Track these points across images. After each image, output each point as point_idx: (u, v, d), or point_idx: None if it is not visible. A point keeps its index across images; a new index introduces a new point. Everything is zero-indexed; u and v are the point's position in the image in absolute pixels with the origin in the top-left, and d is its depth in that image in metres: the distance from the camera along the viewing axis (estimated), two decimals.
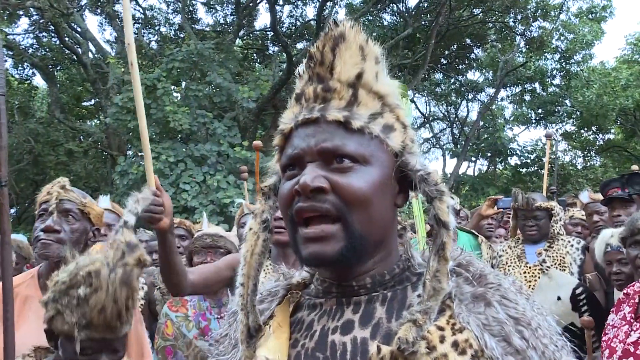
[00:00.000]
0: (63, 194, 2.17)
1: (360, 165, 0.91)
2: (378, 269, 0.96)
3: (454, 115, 24.24)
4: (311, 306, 1.00)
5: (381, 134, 0.93)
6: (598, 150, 23.45)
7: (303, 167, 0.92)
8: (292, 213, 0.92)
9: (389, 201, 0.95)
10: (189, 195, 11.70)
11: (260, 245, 1.01)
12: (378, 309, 0.93)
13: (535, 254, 3.70)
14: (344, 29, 0.95)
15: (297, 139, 0.94)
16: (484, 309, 0.87)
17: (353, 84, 0.94)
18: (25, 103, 17.84)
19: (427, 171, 0.94)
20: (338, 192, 0.89)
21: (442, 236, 0.90)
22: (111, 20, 17.89)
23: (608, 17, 20.14)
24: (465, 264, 0.96)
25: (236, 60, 15.38)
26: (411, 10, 19.02)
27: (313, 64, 0.96)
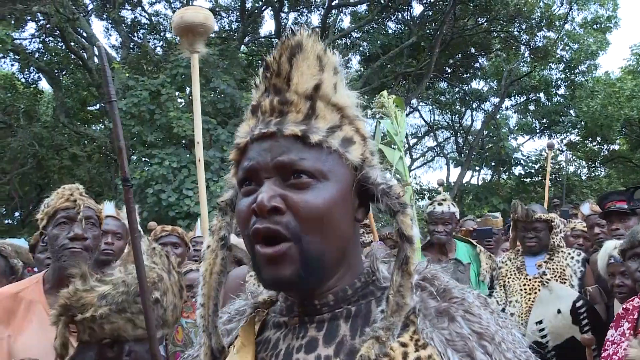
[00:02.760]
0: (86, 201, 2.17)
1: (318, 182, 0.88)
2: (340, 285, 0.94)
3: (458, 124, 24.22)
4: (276, 325, 0.98)
5: (340, 148, 0.90)
6: (602, 160, 23.37)
7: (259, 183, 0.89)
8: (249, 232, 0.89)
9: (348, 216, 0.92)
10: (192, 201, 11.70)
11: (219, 264, 0.99)
12: (342, 325, 0.91)
13: (535, 266, 3.68)
14: (301, 38, 0.92)
15: (253, 152, 0.91)
16: (448, 324, 0.86)
17: (311, 96, 0.91)
18: (31, 107, 17.91)
19: (388, 184, 0.91)
20: (294, 211, 0.86)
21: (406, 250, 0.88)
22: (117, 26, 18.00)
23: (613, 27, 20.15)
24: (430, 277, 0.94)
25: (240, 67, 15.44)
26: (416, 18, 19.06)
27: (269, 74, 0.93)
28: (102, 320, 1.54)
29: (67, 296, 1.58)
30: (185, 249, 4.01)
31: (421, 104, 23.52)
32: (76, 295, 1.58)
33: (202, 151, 2.31)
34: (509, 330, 0.91)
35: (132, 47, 18.66)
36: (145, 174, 12.17)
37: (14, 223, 19.51)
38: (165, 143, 12.99)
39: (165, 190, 11.87)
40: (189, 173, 12.17)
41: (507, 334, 0.90)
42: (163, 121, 12.46)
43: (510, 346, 0.88)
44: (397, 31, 19.85)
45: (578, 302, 3.33)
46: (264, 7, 18.34)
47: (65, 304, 1.58)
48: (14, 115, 17.39)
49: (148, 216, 11.31)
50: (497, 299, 3.86)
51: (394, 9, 18.68)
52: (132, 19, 19.10)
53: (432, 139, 25.65)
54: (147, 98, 12.53)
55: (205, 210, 2.30)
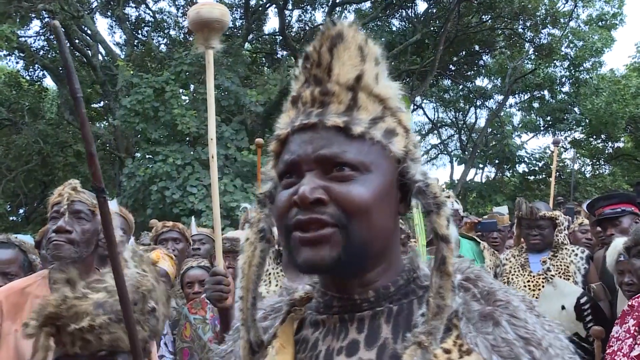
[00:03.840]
0: (74, 195, 2.19)
1: (361, 174, 0.86)
2: (381, 281, 0.91)
3: (462, 122, 24.19)
4: (314, 323, 0.95)
5: (383, 140, 0.88)
6: (607, 158, 23.29)
7: (300, 175, 0.87)
8: (288, 224, 0.87)
9: (390, 210, 0.90)
10: (195, 199, 11.73)
11: (257, 257, 0.96)
12: (383, 327, 0.88)
13: (539, 263, 3.68)
14: (342, 28, 0.90)
15: (293, 145, 0.89)
16: (493, 329, 0.83)
17: (352, 87, 0.89)
18: (36, 104, 17.97)
19: (426, 182, 0.89)
20: (338, 203, 0.84)
21: (442, 250, 0.85)
22: (121, 23, 18.03)
23: (618, 24, 20.07)
24: (473, 278, 0.91)
25: (244, 64, 15.45)
26: (420, 16, 19.02)
27: (309, 65, 0.91)
28: (101, 331, 1.44)
29: (55, 304, 1.44)
30: (186, 244, 4.04)
31: (425, 102, 23.51)
32: (66, 303, 1.45)
33: (215, 147, 2.31)
34: (555, 334, 0.87)
35: (136, 45, 18.69)
36: (150, 171, 12.20)
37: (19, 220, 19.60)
38: (169, 140, 13.02)
39: (169, 187, 11.90)
40: (193, 170, 12.20)
41: (554, 339, 0.86)
42: (167, 118, 12.49)
43: (559, 352, 0.85)
44: (401, 28, 19.81)
45: (582, 299, 3.33)
46: (268, 5, 18.32)
47: (52, 312, 1.43)
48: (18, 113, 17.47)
49: (152, 213, 11.35)
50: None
51: (398, 6, 18.64)
52: (136, 16, 19.14)
53: (436, 136, 25.64)
54: (151, 95, 12.56)
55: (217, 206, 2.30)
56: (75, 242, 2.12)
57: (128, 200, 12.40)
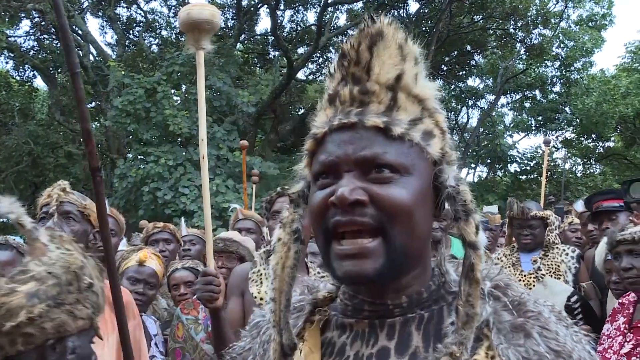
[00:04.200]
0: (63, 196, 2.18)
1: (401, 176, 0.84)
2: (415, 286, 0.90)
3: (454, 122, 24.25)
4: (341, 326, 0.93)
5: (421, 142, 0.86)
6: (598, 157, 23.46)
7: (338, 176, 0.85)
8: (326, 226, 0.85)
9: (428, 212, 0.88)
10: (187, 199, 11.70)
11: (292, 258, 0.93)
12: (414, 334, 0.87)
13: (529, 262, 3.70)
14: (382, 26, 0.87)
15: (331, 145, 0.86)
16: (524, 341, 0.82)
17: (392, 87, 0.87)
18: (26, 105, 17.86)
19: (457, 189, 0.87)
20: (378, 205, 0.82)
21: (471, 257, 0.83)
22: (112, 23, 17.95)
23: (608, 25, 20.21)
24: (503, 286, 0.89)
25: (236, 65, 15.44)
26: (412, 16, 19.07)
27: (347, 62, 0.88)
28: (42, 320, 1.36)
29: None
30: (177, 245, 4.02)
31: None
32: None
33: (205, 148, 2.29)
34: (583, 345, 0.86)
35: (128, 45, 18.62)
36: (141, 171, 12.15)
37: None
38: (161, 141, 12.97)
39: (161, 188, 11.86)
40: (185, 171, 12.16)
41: (582, 351, 0.85)
42: (159, 119, 12.44)
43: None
44: None
45: (572, 298, 3.35)
46: (260, 5, 18.30)
47: None
48: (8, 114, 17.35)
49: (144, 214, 11.30)
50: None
51: (390, 7, 18.67)
52: (127, 16, 19.07)
53: None
54: (143, 96, 12.51)
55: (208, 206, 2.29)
56: None
57: (120, 201, 12.35)
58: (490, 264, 0.92)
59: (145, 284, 2.99)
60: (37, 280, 1.40)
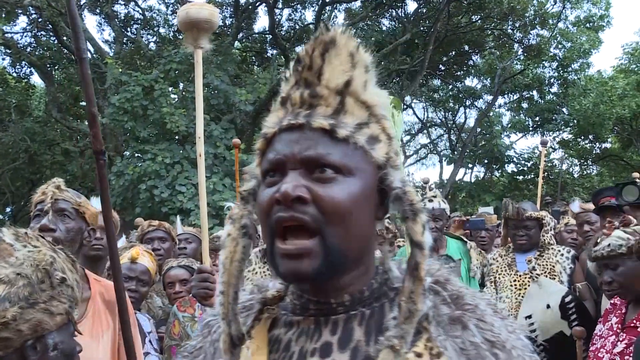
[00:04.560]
0: (58, 193, 2.18)
1: (343, 176, 0.88)
2: (357, 285, 0.94)
3: (452, 122, 24.29)
4: (288, 324, 0.97)
5: (366, 145, 0.90)
6: (595, 158, 23.51)
7: (284, 174, 0.89)
8: (271, 222, 0.89)
9: (369, 214, 0.92)
10: (184, 197, 11.69)
11: (240, 252, 0.97)
12: (356, 329, 0.91)
13: (525, 262, 3.71)
14: (335, 34, 0.93)
15: (280, 144, 0.91)
16: (461, 332, 0.86)
17: (341, 92, 0.91)
18: (23, 102, 17.81)
19: (403, 189, 0.91)
20: (318, 204, 0.86)
21: (416, 256, 0.88)
22: (110, 21, 17.90)
23: (605, 26, 20.24)
24: (443, 281, 0.94)
25: (234, 63, 15.41)
26: (410, 15, 19.07)
27: (301, 67, 0.94)
28: (17, 322, 1.38)
29: None
30: (172, 243, 4.03)
31: (415, 101, 23.57)
32: None
33: (202, 145, 2.31)
34: (517, 335, 0.92)
35: (126, 42, 18.56)
36: (138, 169, 12.14)
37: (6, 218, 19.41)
38: (158, 139, 12.96)
39: (158, 186, 11.85)
40: (182, 169, 12.15)
41: (517, 340, 0.90)
42: (156, 117, 12.42)
43: (521, 353, 0.89)
44: (391, 28, 19.85)
45: (567, 298, 3.36)
46: (258, 3, 18.27)
47: None
48: (5, 110, 17.30)
49: (141, 212, 11.29)
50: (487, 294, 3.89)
51: (388, 6, 18.67)
52: (125, 13, 18.99)
53: (426, 136, 25.74)
54: (140, 93, 12.49)
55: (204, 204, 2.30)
56: (59, 240, 2.09)
57: (117, 198, 12.33)
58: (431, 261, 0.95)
59: (138, 281, 3.01)
60: (6, 283, 1.40)
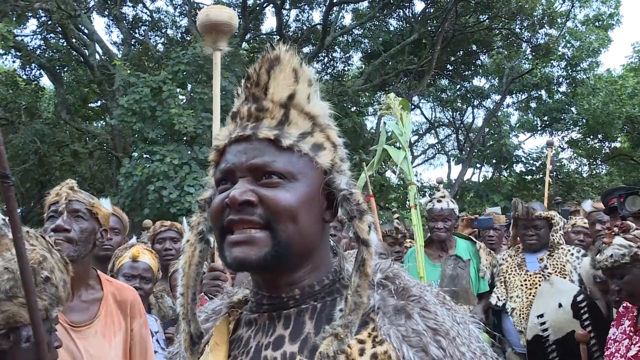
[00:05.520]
0: (72, 194, 2.21)
1: (288, 182, 0.95)
2: (307, 280, 0.99)
3: (460, 122, 24.20)
4: (248, 322, 1.03)
5: (310, 152, 0.98)
6: (604, 158, 23.34)
7: (234, 182, 0.96)
8: (222, 224, 0.96)
9: (315, 215, 0.98)
10: (193, 198, 11.71)
11: (197, 256, 1.06)
12: (307, 322, 0.97)
13: (535, 262, 3.69)
14: (279, 52, 1.00)
15: (230, 154, 0.99)
16: (405, 321, 0.91)
17: (285, 104, 0.98)
18: (32, 104, 17.91)
19: (350, 191, 0.98)
20: (265, 205, 0.93)
21: (363, 253, 0.94)
22: (118, 22, 17.99)
23: (615, 24, 20.10)
24: (392, 276, 1.00)
25: (242, 64, 15.42)
26: (417, 15, 19.04)
27: (250, 84, 1.01)
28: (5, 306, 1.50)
29: None
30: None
31: (422, 101, 23.51)
32: None
33: None
34: (465, 325, 0.97)
35: (134, 44, 18.66)
36: (147, 170, 12.18)
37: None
38: (166, 140, 12.99)
39: (166, 187, 11.88)
40: (190, 170, 12.18)
41: (464, 330, 0.95)
42: (164, 118, 12.46)
43: (465, 341, 0.93)
44: (398, 28, 19.83)
45: (579, 297, 3.34)
46: (265, 4, 18.32)
47: None
48: (15, 112, 17.39)
49: (149, 213, 11.33)
50: (497, 294, 3.88)
51: (396, 6, 18.65)
52: (133, 15, 19.10)
53: (433, 136, 25.65)
54: (149, 95, 12.53)
55: None
56: (73, 240, 2.14)
57: (125, 199, 12.38)
58: (382, 259, 1.04)
59: (141, 279, 3.07)
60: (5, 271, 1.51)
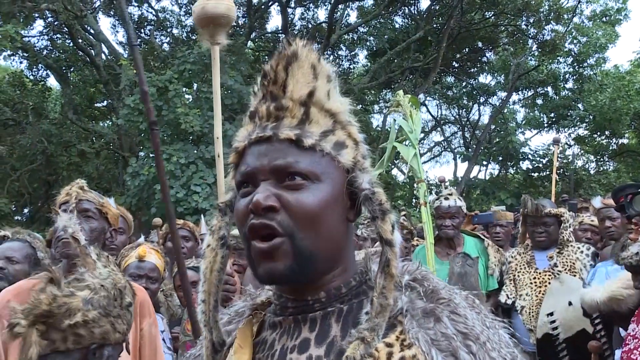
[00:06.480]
0: (82, 194, 2.23)
1: (312, 183, 0.92)
2: (334, 282, 0.97)
3: (466, 119, 24.12)
4: (272, 325, 1.01)
5: (332, 151, 0.95)
6: (611, 154, 23.20)
7: (256, 185, 0.93)
8: (245, 230, 0.94)
9: (340, 217, 0.96)
10: (199, 197, 11.74)
11: (219, 262, 1.03)
12: (333, 325, 0.94)
13: (545, 260, 3.67)
14: (297, 48, 0.98)
15: (250, 157, 0.96)
16: (434, 325, 0.89)
17: (305, 102, 0.96)
18: (39, 104, 17.99)
19: (372, 190, 0.95)
20: (288, 210, 0.91)
21: (387, 253, 0.92)
22: (124, 22, 18.03)
23: (623, 19, 19.95)
24: (420, 278, 0.98)
25: (247, 63, 15.44)
26: (423, 13, 18.98)
27: (267, 82, 0.98)
28: (93, 325, 1.54)
29: (47, 302, 1.50)
30: (195, 243, 4.06)
31: (428, 99, 23.43)
32: (57, 302, 1.51)
33: (221, 146, 2.28)
34: (495, 330, 0.94)
35: (139, 44, 18.69)
36: (153, 170, 12.21)
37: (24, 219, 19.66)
38: (172, 139, 13.02)
39: (173, 186, 11.91)
40: (197, 169, 12.20)
41: (494, 334, 0.93)
42: (170, 117, 12.48)
43: (496, 346, 0.91)
44: (404, 26, 19.77)
45: None
46: (270, 3, 18.31)
47: (45, 310, 1.50)
48: (22, 113, 17.49)
49: (156, 212, 11.37)
50: (507, 292, 3.86)
51: (401, 4, 18.60)
52: (139, 15, 19.14)
53: (440, 133, 25.59)
54: (155, 94, 12.56)
55: None
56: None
57: (132, 199, 12.43)
58: (409, 261, 1.02)
59: (148, 279, 3.05)
60: (92, 289, 1.59)
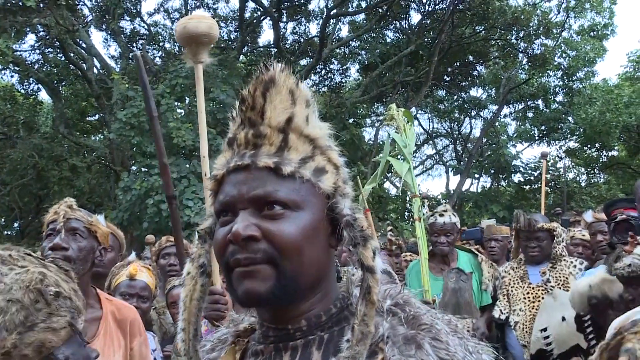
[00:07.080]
0: (70, 213, 2.20)
1: (292, 211, 0.91)
2: (314, 310, 0.95)
3: (457, 132, 24.25)
4: (254, 353, 1.00)
5: (312, 178, 0.93)
6: (602, 167, 23.39)
7: (236, 213, 0.92)
8: (227, 260, 0.92)
9: (322, 243, 0.95)
10: (191, 212, 11.69)
11: (198, 290, 1.02)
12: (314, 353, 0.93)
13: (538, 275, 3.67)
14: (274, 73, 0.96)
15: (228, 185, 0.94)
16: (415, 352, 0.87)
17: (283, 129, 0.94)
18: (30, 118, 17.92)
19: (353, 216, 0.93)
20: (270, 240, 0.89)
21: (368, 280, 0.90)
22: (116, 36, 18.06)
23: (610, 34, 20.24)
24: (402, 303, 0.96)
25: (239, 77, 15.47)
26: (414, 27, 19.14)
27: (245, 108, 0.97)
28: (19, 349, 1.34)
29: None
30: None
31: (420, 112, 23.55)
32: None
33: (207, 165, 2.26)
34: (479, 355, 0.93)
35: (131, 58, 18.70)
36: (145, 184, 12.16)
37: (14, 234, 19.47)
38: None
39: (165, 200, 11.85)
40: (189, 183, 12.16)
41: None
42: (162, 132, 12.45)
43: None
44: (395, 40, 19.93)
45: None
46: (262, 17, 18.42)
47: None
48: (13, 127, 17.41)
49: (148, 227, 11.30)
50: (500, 308, 3.86)
51: (392, 18, 18.76)
52: (131, 29, 19.18)
53: (431, 146, 25.70)
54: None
55: None
56: (71, 259, 2.11)
57: (124, 214, 12.35)
58: (392, 285, 1.00)
59: (139, 298, 3.01)
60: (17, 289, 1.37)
